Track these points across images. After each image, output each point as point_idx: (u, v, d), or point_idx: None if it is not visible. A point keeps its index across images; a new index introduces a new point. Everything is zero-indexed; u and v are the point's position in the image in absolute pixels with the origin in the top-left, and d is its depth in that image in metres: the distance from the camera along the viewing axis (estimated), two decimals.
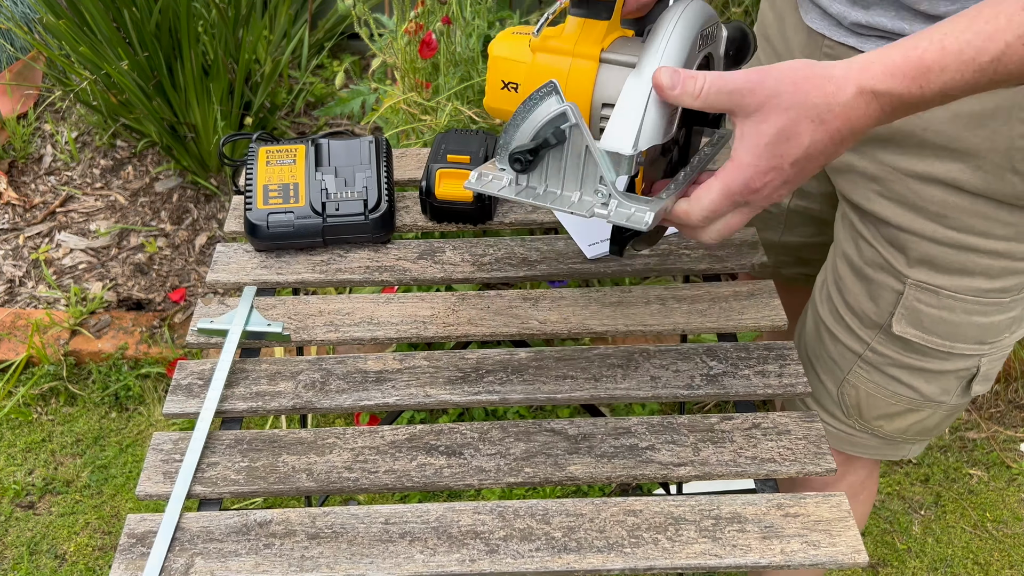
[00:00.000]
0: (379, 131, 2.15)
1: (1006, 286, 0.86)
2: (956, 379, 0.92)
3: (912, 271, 0.87)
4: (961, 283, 0.85)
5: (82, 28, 1.95)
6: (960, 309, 0.86)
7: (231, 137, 1.12)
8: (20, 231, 2.16)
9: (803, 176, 0.66)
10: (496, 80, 0.73)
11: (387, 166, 1.04)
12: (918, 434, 0.99)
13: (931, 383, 0.93)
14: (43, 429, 1.83)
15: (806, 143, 0.63)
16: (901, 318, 0.89)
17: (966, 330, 0.88)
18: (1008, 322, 0.89)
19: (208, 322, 0.92)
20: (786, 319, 0.95)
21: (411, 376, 0.90)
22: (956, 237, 0.83)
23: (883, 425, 0.98)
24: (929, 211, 0.83)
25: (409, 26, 1.58)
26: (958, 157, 0.79)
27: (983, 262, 0.84)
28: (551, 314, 0.95)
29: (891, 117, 0.63)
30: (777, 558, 0.75)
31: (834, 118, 0.62)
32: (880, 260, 0.89)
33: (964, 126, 0.77)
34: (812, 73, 0.63)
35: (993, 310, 0.87)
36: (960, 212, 0.82)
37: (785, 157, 0.64)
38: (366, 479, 0.82)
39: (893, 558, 1.65)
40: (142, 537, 0.78)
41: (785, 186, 0.66)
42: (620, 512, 0.79)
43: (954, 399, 0.94)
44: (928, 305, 0.87)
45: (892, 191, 0.85)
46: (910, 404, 0.95)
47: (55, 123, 2.34)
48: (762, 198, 0.66)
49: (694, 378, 0.89)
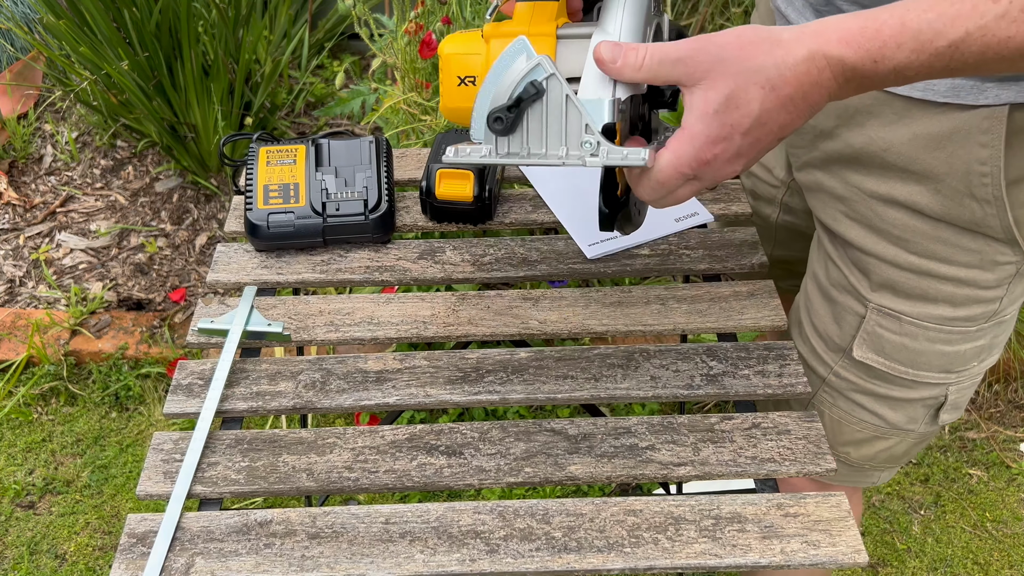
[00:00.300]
0: (379, 131, 2.15)
1: (971, 315, 0.83)
2: (923, 407, 0.90)
3: (874, 295, 0.85)
4: (923, 310, 0.83)
5: (82, 28, 1.96)
6: (923, 337, 0.84)
7: (231, 137, 1.12)
8: (20, 231, 2.16)
9: (756, 149, 0.62)
10: (451, 78, 0.71)
11: (387, 166, 1.04)
12: (886, 461, 0.97)
13: (897, 411, 0.90)
14: (43, 429, 1.83)
15: (756, 110, 0.60)
16: (862, 343, 0.87)
17: (930, 358, 0.86)
18: (976, 351, 0.86)
19: (208, 322, 0.92)
20: (786, 319, 0.95)
21: (411, 376, 0.90)
22: (917, 262, 0.81)
23: (850, 452, 0.95)
24: (891, 234, 0.81)
25: (409, 26, 1.58)
26: (918, 180, 0.77)
27: (946, 289, 0.81)
28: (551, 314, 0.95)
29: (844, 90, 0.60)
30: (777, 558, 0.75)
31: (784, 83, 0.59)
32: (845, 282, 0.87)
33: (923, 148, 0.75)
34: (759, 37, 0.60)
35: (958, 339, 0.84)
36: (921, 236, 0.80)
37: (735, 126, 0.61)
38: (366, 479, 0.82)
39: (893, 558, 1.65)
40: (142, 537, 0.78)
41: (738, 159, 0.63)
42: (620, 512, 0.79)
43: (922, 427, 0.92)
44: (889, 331, 0.85)
45: (857, 212, 0.83)
46: (876, 431, 0.93)
47: (55, 123, 2.34)
48: (713, 170, 0.63)
49: (694, 378, 0.89)
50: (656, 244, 1.02)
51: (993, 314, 0.83)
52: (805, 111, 0.61)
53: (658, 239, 1.02)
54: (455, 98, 0.71)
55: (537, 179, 1.10)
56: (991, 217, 0.75)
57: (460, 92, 0.71)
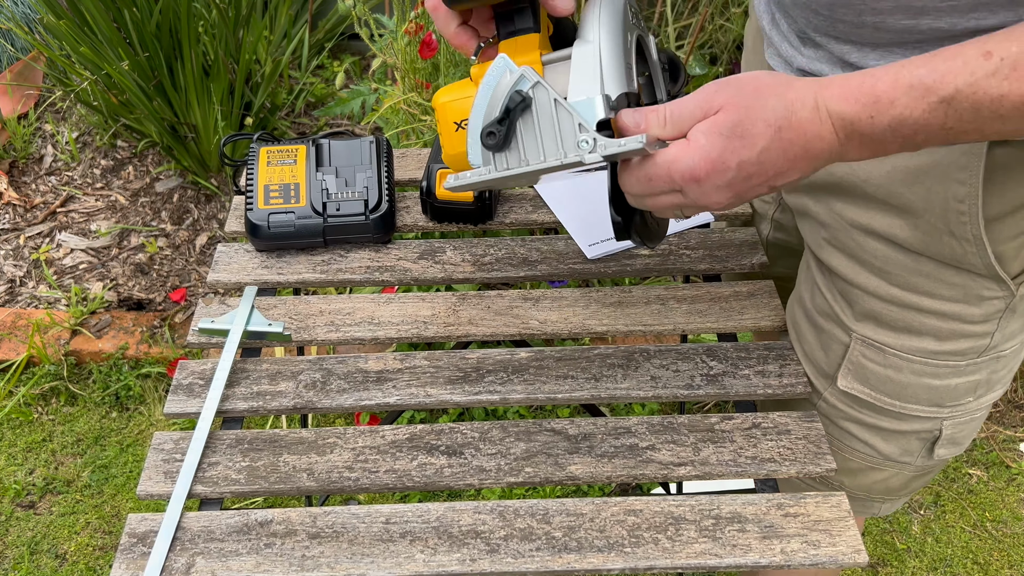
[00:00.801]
0: (379, 131, 2.15)
1: (958, 349, 0.80)
2: (917, 440, 0.88)
3: (857, 325, 0.83)
4: (908, 343, 0.81)
5: (83, 28, 1.96)
6: (907, 369, 0.82)
7: (232, 137, 1.12)
8: (21, 231, 2.16)
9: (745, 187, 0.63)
10: (449, 125, 0.71)
11: (387, 166, 1.04)
12: (884, 493, 0.95)
13: (889, 442, 0.89)
14: (44, 429, 1.83)
15: (759, 147, 0.61)
16: (848, 372, 0.86)
17: (916, 391, 0.84)
18: (970, 386, 0.83)
19: (209, 322, 0.93)
20: (785, 320, 0.95)
21: (411, 376, 0.90)
22: (900, 295, 0.79)
23: (844, 481, 0.94)
24: (873, 265, 0.80)
25: (409, 26, 1.58)
26: (897, 213, 0.75)
27: (930, 323, 0.79)
28: (551, 314, 0.96)
29: (847, 147, 0.61)
30: (777, 558, 0.75)
31: (790, 127, 0.60)
32: (829, 310, 0.86)
33: (900, 181, 0.74)
34: (775, 81, 0.62)
35: (947, 372, 0.82)
36: (902, 269, 0.78)
37: (735, 153, 0.61)
38: (367, 479, 0.82)
39: (893, 558, 1.65)
40: (143, 537, 0.78)
41: (725, 191, 0.63)
42: (620, 512, 0.79)
43: (919, 460, 0.90)
44: (873, 362, 0.84)
45: (839, 241, 0.82)
46: (870, 462, 0.91)
47: (56, 123, 2.34)
48: (700, 192, 0.63)
49: (694, 378, 0.89)
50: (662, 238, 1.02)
51: (985, 349, 0.80)
52: (803, 163, 0.61)
53: None
54: (455, 143, 0.71)
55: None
56: (971, 255, 0.74)
57: (459, 136, 0.71)
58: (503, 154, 0.66)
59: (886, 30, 0.66)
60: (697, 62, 2.03)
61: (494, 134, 0.65)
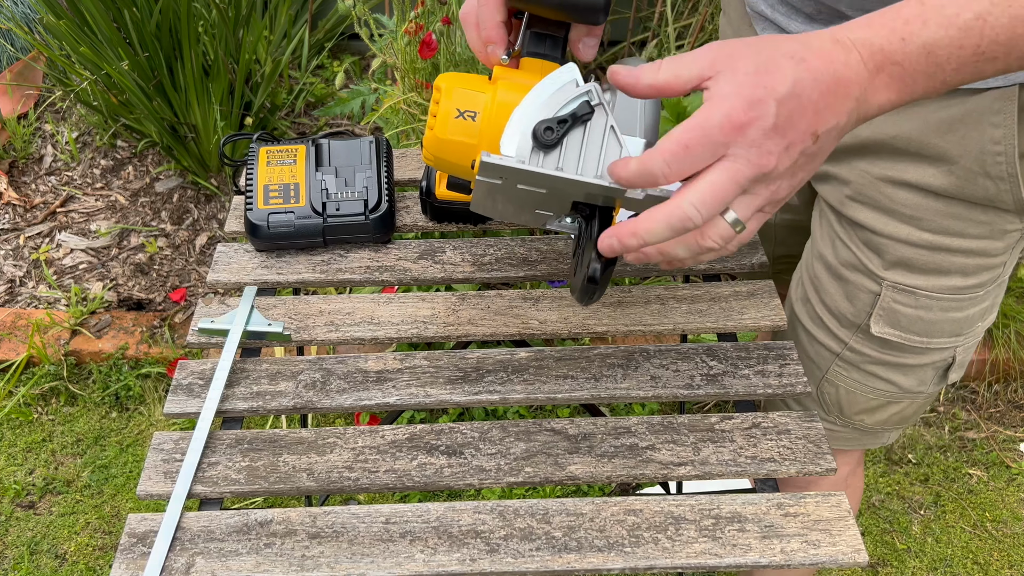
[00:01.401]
0: (379, 131, 2.15)
1: (981, 282, 0.86)
2: (933, 370, 0.93)
3: (888, 273, 0.86)
4: (938, 283, 0.85)
5: (82, 28, 1.96)
6: (937, 307, 0.87)
7: (231, 137, 1.12)
8: (20, 231, 2.16)
9: (795, 137, 0.55)
10: (450, 110, 0.69)
11: (387, 166, 1.04)
12: (897, 423, 1.01)
13: (908, 376, 0.93)
14: (43, 429, 1.83)
15: (790, 78, 0.54)
16: (879, 319, 0.89)
17: (942, 326, 0.88)
18: (981, 312, 0.90)
19: (209, 322, 0.93)
20: (786, 319, 0.95)
21: (411, 376, 0.90)
22: (931, 239, 0.83)
23: (864, 419, 0.98)
24: (903, 214, 0.83)
25: (409, 26, 1.58)
26: (930, 162, 0.79)
27: (958, 261, 0.84)
28: (551, 314, 0.95)
29: (876, 82, 0.56)
30: (777, 558, 0.75)
31: (813, 56, 0.55)
32: (855, 261, 0.89)
33: (934, 132, 0.77)
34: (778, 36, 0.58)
35: (968, 304, 0.87)
36: (934, 214, 0.81)
37: (770, 89, 0.54)
38: (366, 479, 0.82)
39: (893, 558, 1.65)
40: (143, 537, 0.78)
41: (776, 138, 0.55)
42: (620, 511, 0.79)
43: (931, 388, 0.95)
44: (905, 305, 0.87)
45: (865, 196, 0.85)
46: (890, 397, 0.95)
47: (55, 123, 2.34)
48: (751, 143, 0.54)
49: (694, 378, 0.89)
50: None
51: (997, 278, 0.87)
52: (838, 103, 0.56)
53: None
54: (450, 130, 0.69)
55: None
56: (1004, 192, 0.78)
57: (457, 124, 0.69)
58: (541, 153, 0.65)
59: None
60: None
61: (552, 130, 0.63)
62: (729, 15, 0.99)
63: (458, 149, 0.69)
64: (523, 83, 0.68)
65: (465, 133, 0.69)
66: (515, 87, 0.68)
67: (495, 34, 0.70)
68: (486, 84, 0.70)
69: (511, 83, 0.69)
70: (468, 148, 0.69)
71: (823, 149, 0.58)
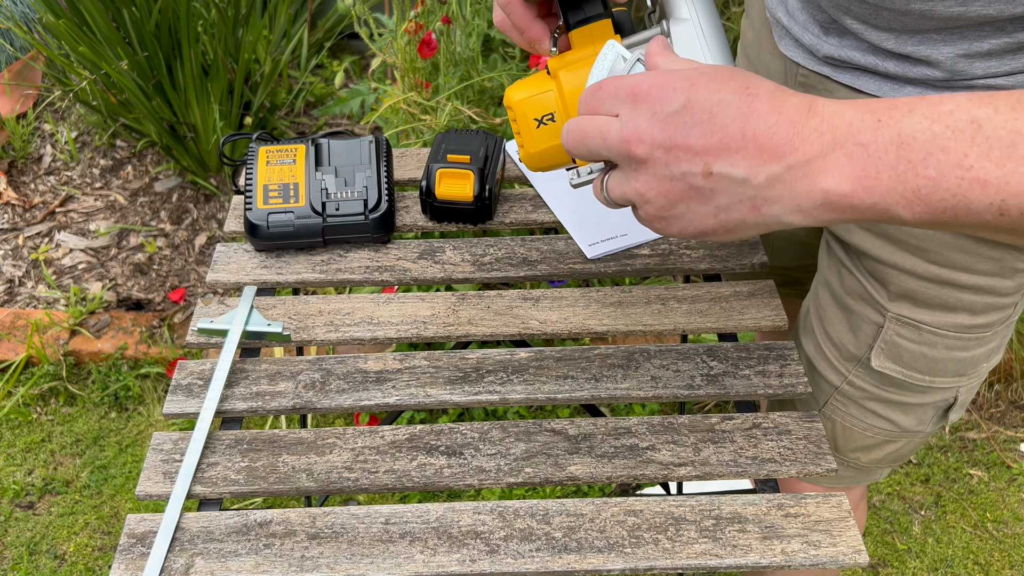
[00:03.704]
0: (379, 131, 2.15)
1: (989, 322, 0.82)
2: (933, 409, 0.90)
3: (893, 305, 0.84)
4: (943, 319, 0.82)
5: (82, 28, 1.95)
6: (941, 345, 0.84)
7: (231, 137, 1.12)
8: (20, 231, 2.16)
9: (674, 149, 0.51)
10: (529, 122, 0.68)
11: (387, 166, 1.04)
12: (892, 461, 0.98)
13: (908, 415, 0.90)
14: (43, 429, 1.83)
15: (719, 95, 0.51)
16: (880, 352, 0.86)
17: (946, 365, 0.85)
18: (987, 353, 0.87)
19: (208, 322, 0.92)
20: (786, 319, 0.95)
21: (411, 376, 0.90)
22: (938, 272, 0.80)
23: (860, 457, 0.95)
24: (910, 244, 0.80)
25: (409, 26, 1.58)
26: None
27: (966, 298, 0.80)
28: (551, 314, 0.95)
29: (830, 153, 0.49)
30: (778, 558, 0.75)
31: (765, 99, 0.50)
32: (861, 291, 0.86)
33: None
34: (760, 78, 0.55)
35: (974, 344, 0.84)
36: (941, 246, 0.79)
37: (692, 87, 0.51)
38: (366, 479, 0.82)
39: (893, 558, 1.65)
40: (142, 537, 0.78)
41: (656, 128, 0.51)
42: (620, 512, 0.79)
43: (929, 427, 0.92)
44: (908, 340, 0.85)
45: (873, 223, 0.82)
46: (887, 436, 0.93)
47: (55, 123, 2.34)
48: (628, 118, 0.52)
49: (694, 378, 0.89)
50: (656, 244, 1.02)
51: (1007, 318, 0.84)
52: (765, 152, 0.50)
53: (658, 239, 1.02)
54: (538, 140, 0.68)
55: (537, 179, 1.09)
56: None
57: (542, 132, 0.68)
58: None
59: (932, 17, 0.65)
60: None
61: None
62: (751, 17, 0.97)
63: (554, 153, 0.69)
64: (578, 61, 0.67)
65: (553, 137, 0.68)
66: (573, 71, 0.67)
67: (535, 31, 0.69)
68: (547, 81, 0.69)
69: (569, 69, 0.68)
70: (562, 149, 0.68)
71: (716, 194, 0.51)
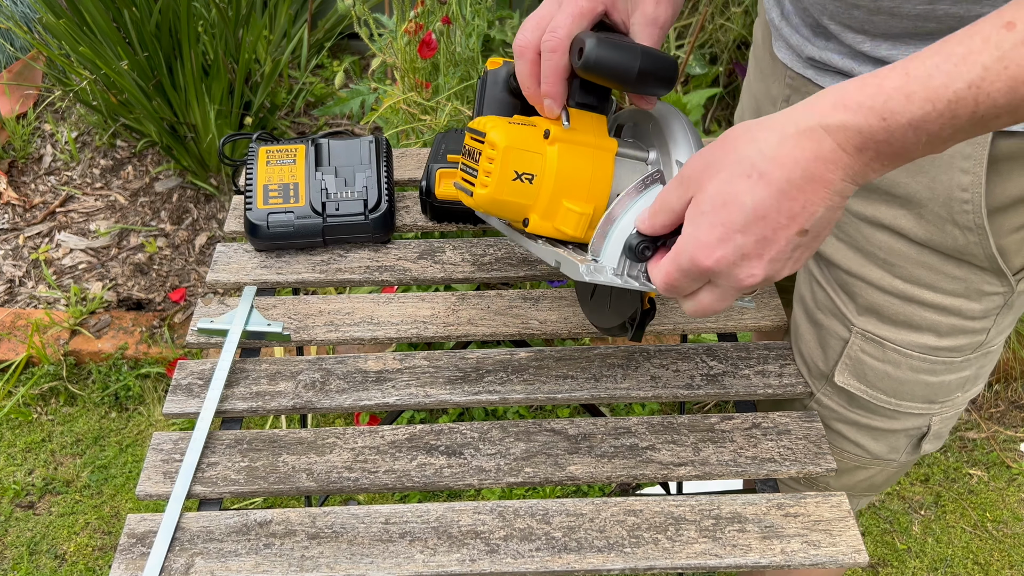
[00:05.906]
0: (379, 131, 2.15)
1: (956, 345, 0.80)
2: (906, 437, 0.89)
3: (859, 320, 0.83)
4: (908, 337, 0.80)
5: (82, 28, 1.95)
6: (906, 365, 0.82)
7: (231, 137, 1.12)
8: (20, 231, 2.16)
9: (771, 248, 0.56)
10: (508, 171, 0.68)
11: (387, 166, 1.04)
12: (865, 490, 0.96)
13: (879, 441, 0.89)
14: (43, 429, 1.83)
15: (748, 204, 0.55)
16: (844, 368, 0.85)
17: (913, 388, 0.83)
18: (960, 381, 0.84)
19: (208, 322, 0.92)
20: (786, 319, 0.95)
21: (411, 376, 0.90)
22: (903, 287, 0.78)
23: (830, 482, 0.94)
24: (877, 257, 0.79)
25: (409, 26, 1.58)
26: (901, 203, 0.75)
27: (930, 317, 0.78)
28: (551, 314, 0.95)
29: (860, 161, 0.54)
30: (777, 558, 0.75)
31: (774, 166, 0.54)
32: (831, 304, 0.85)
33: (904, 171, 0.73)
34: (748, 127, 0.56)
35: (942, 369, 0.82)
36: (906, 261, 0.77)
37: (729, 226, 0.56)
38: (366, 479, 0.82)
39: (893, 558, 1.65)
40: (142, 537, 0.78)
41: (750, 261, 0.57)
42: (620, 512, 0.79)
43: (903, 457, 0.91)
44: (872, 357, 0.83)
45: (844, 233, 0.81)
46: (858, 462, 0.91)
47: (55, 123, 2.34)
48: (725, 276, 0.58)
49: (694, 378, 0.89)
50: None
51: (979, 345, 0.81)
52: (818, 194, 0.54)
53: None
54: (507, 192, 0.68)
55: None
56: (973, 245, 0.73)
57: (514, 187, 0.68)
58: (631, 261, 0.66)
59: (902, 16, 0.65)
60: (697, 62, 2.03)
61: (650, 249, 0.65)
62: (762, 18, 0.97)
63: (513, 208, 0.69)
64: (581, 143, 0.68)
65: (522, 195, 0.68)
66: (574, 152, 0.68)
67: (556, 90, 0.68)
68: (540, 142, 0.69)
69: (570, 146, 0.68)
70: (523, 208, 0.69)
71: (819, 230, 0.58)
